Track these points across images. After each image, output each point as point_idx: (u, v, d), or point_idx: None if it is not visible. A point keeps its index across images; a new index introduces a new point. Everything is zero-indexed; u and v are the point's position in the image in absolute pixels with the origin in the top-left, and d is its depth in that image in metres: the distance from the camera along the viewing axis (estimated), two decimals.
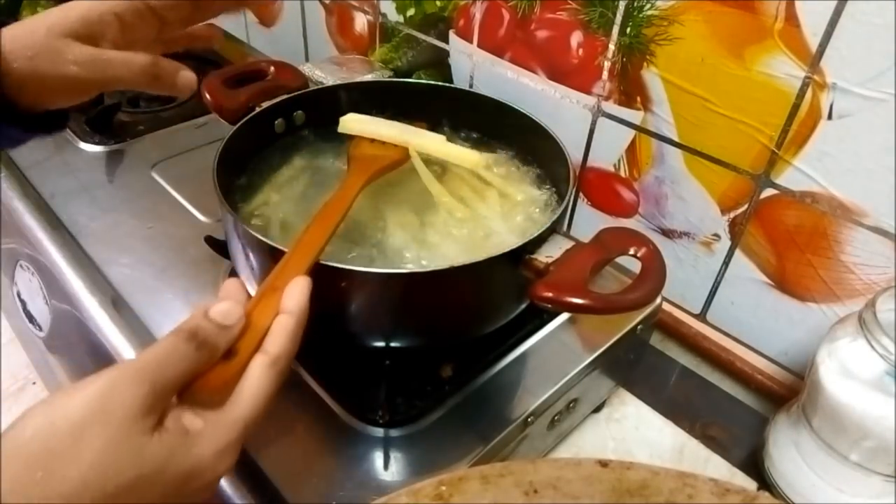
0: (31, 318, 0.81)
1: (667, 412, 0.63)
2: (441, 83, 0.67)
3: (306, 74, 0.70)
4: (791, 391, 0.61)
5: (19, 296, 0.83)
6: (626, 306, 0.40)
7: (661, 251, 0.42)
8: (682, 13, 0.55)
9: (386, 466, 0.46)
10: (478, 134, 0.63)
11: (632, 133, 0.64)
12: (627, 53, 0.60)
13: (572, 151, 0.54)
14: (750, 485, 0.57)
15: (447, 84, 0.75)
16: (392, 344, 0.48)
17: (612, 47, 0.61)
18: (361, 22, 0.88)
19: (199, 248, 0.62)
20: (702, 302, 0.67)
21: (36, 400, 0.29)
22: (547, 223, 0.44)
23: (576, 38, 0.64)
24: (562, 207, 0.47)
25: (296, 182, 0.57)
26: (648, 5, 0.57)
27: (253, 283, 0.48)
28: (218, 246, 0.61)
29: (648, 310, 0.57)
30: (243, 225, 0.44)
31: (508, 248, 0.42)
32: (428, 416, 0.48)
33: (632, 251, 0.42)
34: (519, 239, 0.45)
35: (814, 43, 0.48)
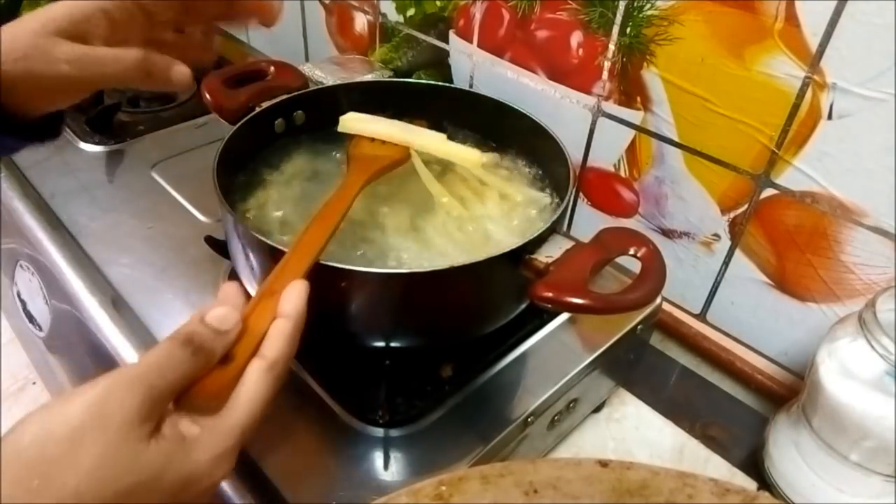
0: (31, 318, 0.81)
1: (667, 412, 0.63)
2: (441, 83, 0.67)
3: (306, 74, 0.70)
4: (791, 391, 0.61)
5: (19, 296, 0.83)
6: (626, 306, 0.40)
7: (661, 251, 0.42)
8: (682, 13, 0.55)
9: (386, 466, 0.46)
10: (478, 134, 0.62)
11: (632, 133, 0.64)
12: (627, 53, 0.60)
13: (572, 151, 0.54)
14: (750, 485, 0.57)
15: (447, 84, 0.75)
16: (392, 344, 0.48)
17: (612, 47, 0.61)
18: (361, 22, 0.88)
19: (199, 248, 0.62)
20: (702, 302, 0.67)
21: (36, 400, 0.29)
22: (547, 223, 0.44)
23: (576, 38, 0.64)
24: (562, 207, 0.47)
25: (296, 182, 0.57)
26: (648, 5, 0.57)
27: (253, 284, 0.48)
28: (218, 246, 0.61)
29: (648, 310, 0.57)
30: (243, 225, 0.44)
31: (508, 248, 0.42)
32: (428, 416, 0.48)
33: (632, 251, 0.42)
34: (519, 239, 0.45)
35: (814, 43, 0.48)
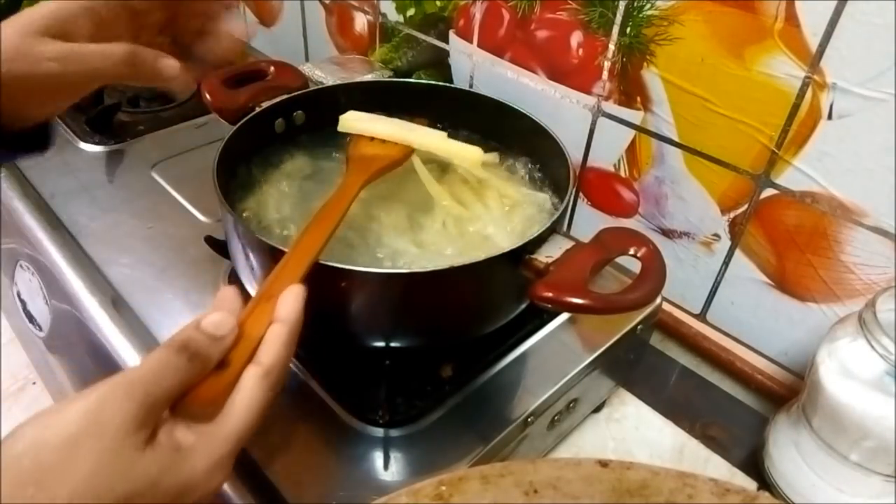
0: (31, 318, 0.81)
1: (667, 412, 0.63)
2: (441, 83, 0.67)
3: (306, 74, 0.70)
4: (791, 391, 0.61)
5: (19, 296, 0.83)
6: (626, 306, 0.40)
7: (661, 251, 0.42)
8: (682, 13, 0.55)
9: (386, 466, 0.46)
10: (478, 134, 0.62)
11: (632, 133, 0.64)
12: (627, 53, 0.60)
13: (572, 151, 0.54)
14: (750, 485, 0.57)
15: (447, 84, 0.75)
16: (392, 344, 0.48)
17: (612, 47, 0.61)
18: (361, 22, 0.88)
19: (199, 248, 0.62)
20: (702, 302, 0.67)
21: (36, 400, 0.29)
22: (547, 223, 0.44)
23: (576, 38, 0.64)
24: (562, 207, 0.47)
25: (296, 182, 0.57)
26: (648, 5, 0.57)
27: (253, 284, 0.48)
28: (218, 246, 0.61)
29: (648, 310, 0.57)
30: (243, 225, 0.44)
31: (508, 248, 0.42)
32: (428, 416, 0.48)
33: (632, 251, 0.42)
34: (519, 239, 0.45)
35: (814, 43, 0.48)
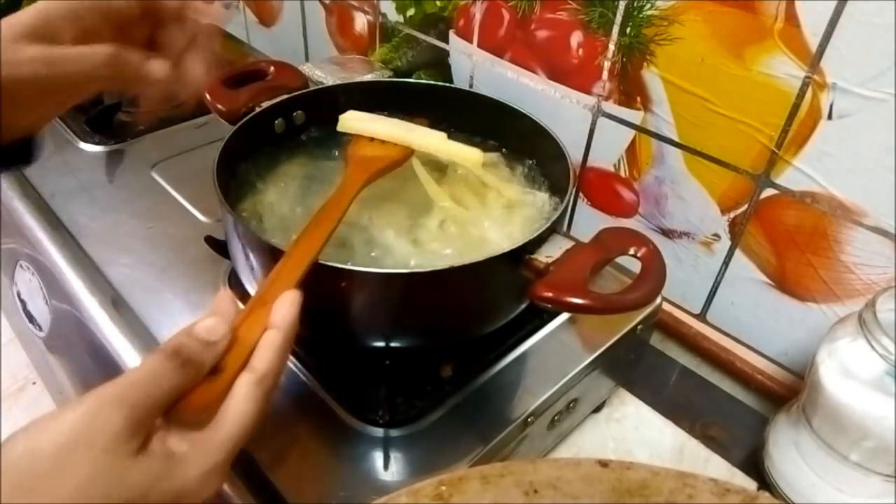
0: (31, 318, 0.81)
1: (667, 412, 0.63)
2: (441, 83, 0.67)
3: (306, 74, 0.70)
4: (791, 391, 0.61)
5: (19, 296, 0.82)
6: (626, 306, 0.40)
7: (661, 251, 0.42)
8: (682, 13, 0.55)
9: (386, 466, 0.46)
10: (478, 134, 0.62)
11: (632, 133, 0.64)
12: (627, 53, 0.60)
13: (572, 151, 0.54)
14: (750, 485, 0.57)
15: (447, 84, 0.75)
16: (392, 344, 0.47)
17: (612, 47, 0.61)
18: (361, 22, 0.88)
19: (199, 248, 0.62)
20: (702, 302, 0.67)
21: (36, 400, 0.29)
22: (547, 223, 0.44)
23: (576, 38, 0.64)
24: (562, 207, 0.47)
25: (296, 182, 0.57)
26: (648, 5, 0.57)
27: (253, 284, 0.48)
28: (218, 246, 0.61)
29: (648, 310, 0.57)
30: (243, 225, 0.44)
31: (508, 248, 0.42)
32: (428, 416, 0.48)
33: (632, 251, 0.42)
34: (519, 239, 0.45)
35: (814, 43, 0.48)
